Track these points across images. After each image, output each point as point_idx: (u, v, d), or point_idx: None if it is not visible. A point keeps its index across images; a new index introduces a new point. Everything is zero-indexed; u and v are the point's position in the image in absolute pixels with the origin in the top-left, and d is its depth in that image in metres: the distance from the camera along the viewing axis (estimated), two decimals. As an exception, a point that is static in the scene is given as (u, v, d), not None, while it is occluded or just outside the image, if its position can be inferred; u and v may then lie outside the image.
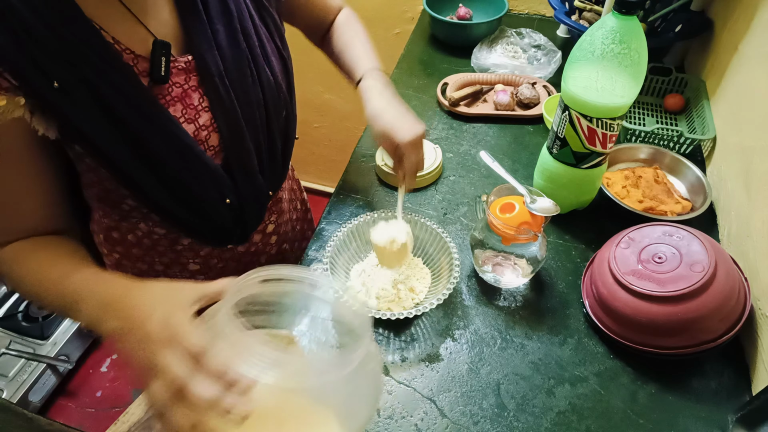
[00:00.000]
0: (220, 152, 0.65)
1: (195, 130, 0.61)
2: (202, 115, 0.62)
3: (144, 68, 0.56)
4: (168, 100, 0.59)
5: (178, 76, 0.60)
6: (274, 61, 0.68)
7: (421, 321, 0.74)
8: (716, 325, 0.63)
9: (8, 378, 1.53)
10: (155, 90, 0.58)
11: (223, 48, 0.61)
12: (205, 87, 0.61)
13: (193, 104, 0.61)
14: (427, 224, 0.77)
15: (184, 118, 0.60)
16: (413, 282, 0.75)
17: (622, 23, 0.63)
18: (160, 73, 0.57)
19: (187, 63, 0.60)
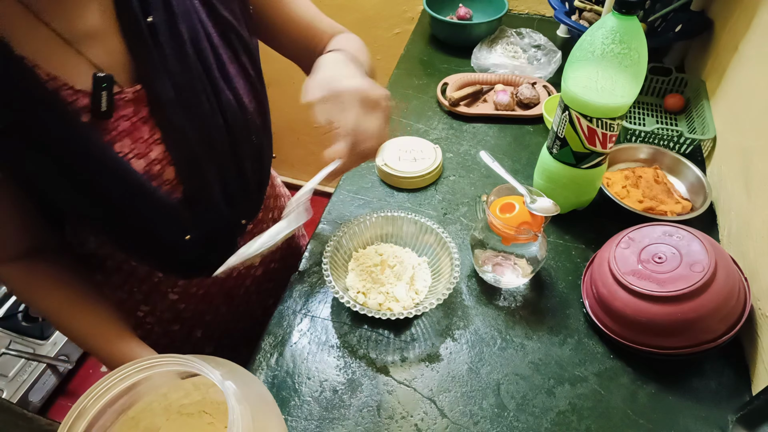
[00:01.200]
0: (178, 185, 0.61)
1: (146, 165, 0.57)
2: (153, 148, 0.58)
3: (84, 104, 0.52)
4: (114, 135, 0.54)
5: (126, 108, 0.55)
6: (240, 82, 0.63)
7: (421, 321, 0.74)
8: (716, 325, 0.63)
9: (8, 378, 1.53)
10: (100, 126, 0.53)
11: (175, 74, 0.56)
12: (157, 118, 0.57)
13: (143, 137, 0.57)
14: (427, 224, 0.77)
15: (133, 154, 0.56)
16: (413, 282, 0.75)
17: (622, 23, 0.63)
18: (101, 109, 0.52)
19: (135, 93, 0.55)
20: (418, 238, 0.79)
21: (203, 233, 0.64)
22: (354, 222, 0.78)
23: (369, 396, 0.66)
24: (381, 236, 0.81)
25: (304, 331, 0.73)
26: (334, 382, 0.67)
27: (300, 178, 2.23)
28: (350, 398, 0.66)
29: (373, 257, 0.77)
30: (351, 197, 0.92)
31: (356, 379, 0.68)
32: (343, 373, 0.68)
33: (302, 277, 0.80)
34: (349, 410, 0.65)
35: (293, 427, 0.63)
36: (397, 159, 0.92)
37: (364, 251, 0.79)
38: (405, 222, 0.79)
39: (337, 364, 0.69)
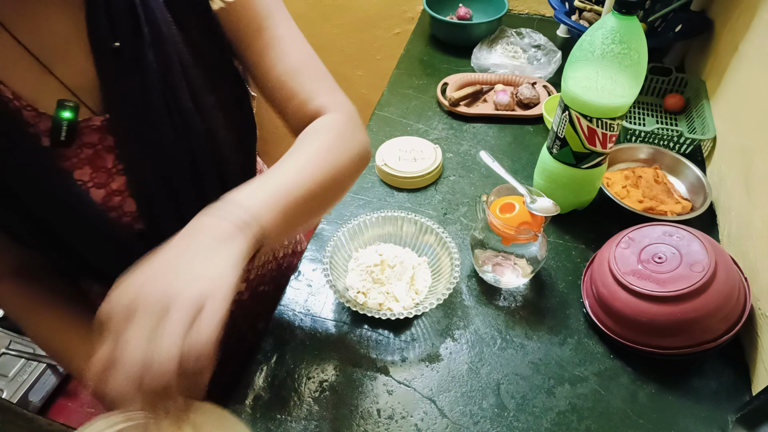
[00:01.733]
0: (139, 218, 0.58)
1: (105, 196, 0.55)
2: (116, 179, 0.55)
3: (46, 128, 0.49)
4: (75, 162, 0.52)
5: (91, 136, 0.52)
6: (217, 114, 0.58)
7: (421, 321, 0.74)
8: (716, 325, 0.63)
9: (8, 378, 1.53)
10: (59, 152, 0.51)
11: (135, 105, 0.52)
12: (120, 149, 0.54)
13: (106, 167, 0.54)
14: (427, 224, 0.77)
15: (93, 183, 0.53)
16: (413, 282, 0.75)
17: (622, 23, 0.63)
18: (60, 138, 0.49)
19: (103, 122, 0.52)
20: (418, 238, 0.79)
21: None
22: (354, 222, 0.78)
23: (369, 396, 0.66)
24: (381, 236, 0.81)
25: (304, 331, 0.73)
26: (334, 382, 0.67)
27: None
28: (350, 398, 0.66)
29: (373, 257, 0.76)
30: (351, 197, 0.92)
31: (356, 379, 0.68)
32: (343, 373, 0.68)
33: (302, 277, 0.80)
34: (349, 410, 0.65)
35: (293, 427, 0.63)
36: (397, 159, 0.92)
37: (364, 251, 0.79)
38: (405, 222, 0.79)
39: (337, 364, 0.69)
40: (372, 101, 1.20)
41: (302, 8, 1.65)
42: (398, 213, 0.79)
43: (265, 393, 0.66)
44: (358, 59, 1.73)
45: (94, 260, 0.58)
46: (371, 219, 0.79)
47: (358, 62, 1.73)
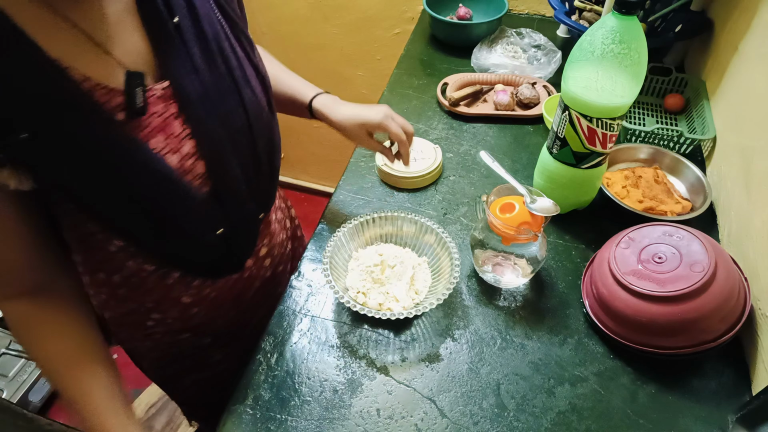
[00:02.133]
0: (207, 180, 0.62)
1: (179, 160, 0.58)
2: (185, 143, 0.58)
3: (119, 102, 0.52)
4: (148, 132, 0.55)
5: (155, 105, 0.55)
6: (254, 81, 0.65)
7: (421, 321, 0.74)
8: (716, 325, 0.63)
9: (8, 378, 1.53)
10: (133, 124, 0.54)
11: (201, 71, 0.57)
12: (186, 114, 0.57)
13: (175, 133, 0.57)
14: (427, 224, 0.77)
15: (168, 149, 0.57)
16: (413, 282, 0.75)
17: (622, 23, 0.63)
18: (136, 105, 0.53)
19: (164, 90, 0.56)
20: (418, 238, 0.79)
21: (230, 227, 0.65)
22: (354, 222, 0.78)
23: (369, 396, 0.66)
24: (381, 236, 0.81)
25: (304, 331, 0.73)
26: (334, 382, 0.67)
27: (300, 177, 2.23)
28: (350, 398, 0.66)
29: (373, 257, 0.77)
30: (351, 197, 0.92)
31: (356, 379, 0.68)
32: (343, 373, 0.68)
33: (302, 277, 0.80)
34: (349, 410, 0.65)
35: (293, 427, 0.63)
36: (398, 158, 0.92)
37: (365, 251, 0.79)
38: (405, 222, 0.79)
39: (337, 364, 0.69)
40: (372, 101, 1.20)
41: (302, 8, 1.65)
42: (398, 213, 0.79)
43: (265, 393, 0.66)
44: (358, 59, 1.73)
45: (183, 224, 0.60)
46: (371, 219, 0.79)
47: (358, 62, 1.73)
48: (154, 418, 1.58)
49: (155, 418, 1.58)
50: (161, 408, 1.61)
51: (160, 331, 0.76)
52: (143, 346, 0.78)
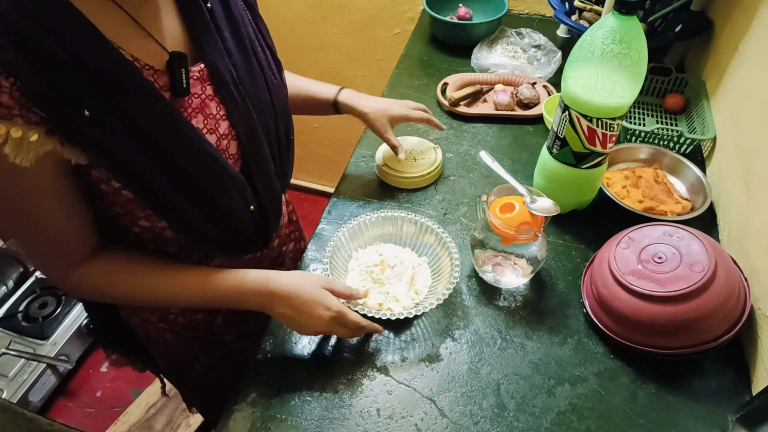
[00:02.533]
0: (239, 159, 0.64)
1: (217, 140, 0.61)
2: (221, 124, 0.61)
3: (164, 83, 0.55)
4: (190, 112, 0.58)
5: (194, 86, 0.58)
6: (273, 65, 0.69)
7: (421, 321, 0.74)
8: (716, 325, 0.63)
9: (8, 378, 1.53)
10: (179, 103, 0.57)
11: (234, 55, 0.61)
12: (222, 95, 0.60)
13: (212, 114, 0.60)
14: (427, 224, 0.77)
15: (207, 129, 0.59)
16: (413, 282, 0.75)
17: (622, 23, 0.63)
18: (182, 86, 0.55)
19: (200, 72, 0.59)
20: (418, 238, 0.79)
21: (259, 205, 0.68)
22: (354, 222, 0.78)
23: (369, 396, 0.66)
24: (381, 236, 0.81)
25: (304, 331, 0.73)
26: (334, 382, 0.67)
27: (300, 177, 2.23)
28: (350, 398, 0.66)
29: (373, 257, 0.77)
30: (351, 197, 0.92)
31: (356, 379, 0.68)
32: (343, 373, 0.68)
33: (302, 277, 0.80)
34: (349, 410, 0.65)
35: (293, 427, 0.63)
36: (397, 159, 0.92)
37: (365, 251, 0.79)
38: (405, 222, 0.79)
39: (337, 364, 0.69)
40: (372, 101, 1.19)
41: (302, 8, 1.65)
42: (398, 213, 0.79)
43: (265, 392, 0.66)
44: (358, 59, 1.73)
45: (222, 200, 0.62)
46: (371, 219, 0.79)
47: (358, 62, 1.73)
48: (154, 418, 1.58)
49: (155, 418, 1.58)
50: (161, 408, 1.61)
51: (175, 312, 0.77)
52: (157, 329, 0.79)
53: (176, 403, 1.61)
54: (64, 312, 1.67)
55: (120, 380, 1.70)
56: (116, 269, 0.62)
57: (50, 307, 1.68)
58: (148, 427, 1.57)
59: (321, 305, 0.63)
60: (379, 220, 0.79)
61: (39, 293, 1.72)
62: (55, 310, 1.67)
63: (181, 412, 1.59)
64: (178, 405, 1.60)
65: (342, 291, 0.67)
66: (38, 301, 1.69)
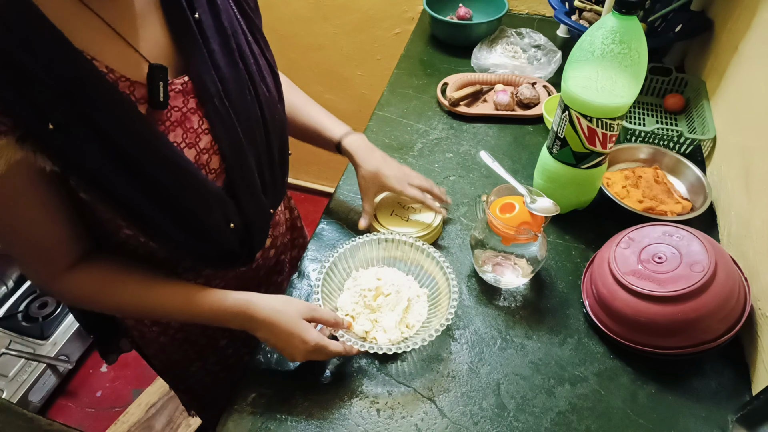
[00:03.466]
0: (221, 174, 0.63)
1: (196, 155, 0.59)
2: (202, 138, 0.59)
3: (141, 95, 0.53)
4: (168, 125, 0.56)
5: (175, 99, 0.57)
6: (268, 76, 0.67)
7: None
8: (716, 325, 0.63)
9: (8, 378, 1.52)
10: (154, 116, 0.55)
11: (221, 68, 0.59)
12: (205, 109, 0.58)
13: (193, 127, 0.58)
14: (433, 255, 0.73)
15: (185, 143, 0.58)
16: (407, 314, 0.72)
17: (622, 23, 0.63)
18: (159, 99, 0.54)
19: (183, 85, 0.57)
20: (423, 267, 0.76)
21: (243, 221, 0.66)
22: (359, 240, 0.75)
23: (369, 396, 0.66)
24: (385, 258, 0.77)
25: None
26: (334, 383, 0.67)
27: (300, 177, 2.23)
28: (350, 398, 0.66)
29: (370, 280, 0.73)
30: (351, 197, 0.92)
31: (356, 379, 0.68)
32: (344, 373, 0.68)
33: (302, 277, 0.80)
34: (349, 410, 0.65)
35: (293, 427, 0.63)
36: (388, 213, 0.84)
37: (365, 272, 0.76)
38: (413, 249, 0.75)
39: (337, 364, 0.69)
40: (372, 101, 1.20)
41: (302, 8, 1.65)
42: (406, 238, 0.75)
43: (265, 393, 0.66)
44: (358, 59, 1.73)
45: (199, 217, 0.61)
46: (378, 240, 0.76)
47: (358, 62, 1.73)
48: (154, 418, 1.58)
49: (155, 418, 1.58)
50: (161, 408, 1.61)
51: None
52: (151, 332, 0.79)
53: (176, 403, 1.61)
54: (64, 312, 1.67)
55: (120, 380, 1.70)
56: (102, 279, 0.61)
57: (50, 307, 1.68)
58: (148, 427, 1.57)
59: (299, 338, 0.62)
60: (386, 243, 0.76)
61: (39, 293, 1.72)
62: (55, 310, 1.67)
63: (181, 413, 1.59)
64: (178, 405, 1.60)
65: (327, 319, 0.65)
66: (38, 301, 1.69)
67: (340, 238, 0.85)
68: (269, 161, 0.68)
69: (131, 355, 1.81)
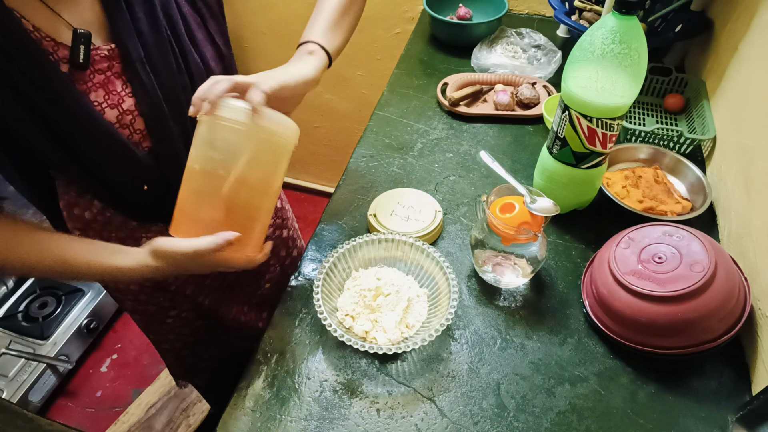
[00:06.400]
0: (148, 135, 0.67)
1: (119, 115, 0.64)
2: (126, 100, 0.64)
3: (64, 55, 0.59)
4: (90, 86, 0.61)
5: (101, 63, 0.62)
6: (207, 47, 0.70)
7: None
8: (716, 325, 0.63)
9: (8, 378, 1.53)
10: (76, 76, 0.60)
11: (145, 35, 0.63)
12: (128, 74, 0.63)
13: (116, 90, 0.63)
14: (434, 255, 0.73)
15: (107, 104, 0.63)
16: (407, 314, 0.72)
17: (622, 23, 0.63)
18: (79, 60, 0.59)
19: (110, 51, 0.62)
20: (423, 267, 0.76)
21: (166, 182, 0.70)
22: (360, 240, 0.75)
23: (369, 396, 0.66)
24: (386, 258, 0.77)
25: (304, 331, 0.73)
26: (334, 382, 0.67)
27: (300, 177, 2.23)
28: (350, 398, 0.66)
29: (370, 280, 0.73)
30: (351, 197, 0.92)
31: (356, 379, 0.68)
32: (343, 373, 0.68)
33: (302, 277, 0.80)
34: (349, 410, 0.65)
35: (293, 427, 0.63)
36: (388, 213, 0.84)
37: (365, 272, 0.76)
38: (413, 250, 0.75)
39: (337, 364, 0.69)
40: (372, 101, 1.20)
41: (302, 8, 1.65)
42: (408, 239, 0.75)
43: (265, 393, 0.67)
44: (358, 59, 1.73)
45: (108, 175, 0.66)
46: (378, 240, 0.75)
47: (358, 62, 1.73)
48: (154, 418, 1.58)
49: (155, 418, 1.58)
50: (161, 408, 1.61)
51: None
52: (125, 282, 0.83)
53: (176, 403, 1.61)
54: (64, 312, 1.68)
55: (120, 380, 1.70)
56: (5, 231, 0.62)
57: (50, 307, 1.68)
58: (148, 427, 1.57)
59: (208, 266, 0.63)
60: (386, 243, 0.76)
61: (39, 293, 1.72)
62: (55, 310, 1.67)
63: (181, 412, 1.59)
64: (178, 405, 1.60)
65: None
66: (38, 301, 1.69)
67: (340, 238, 0.85)
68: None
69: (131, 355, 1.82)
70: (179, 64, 0.66)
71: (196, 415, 1.58)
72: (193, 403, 1.61)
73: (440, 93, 1.10)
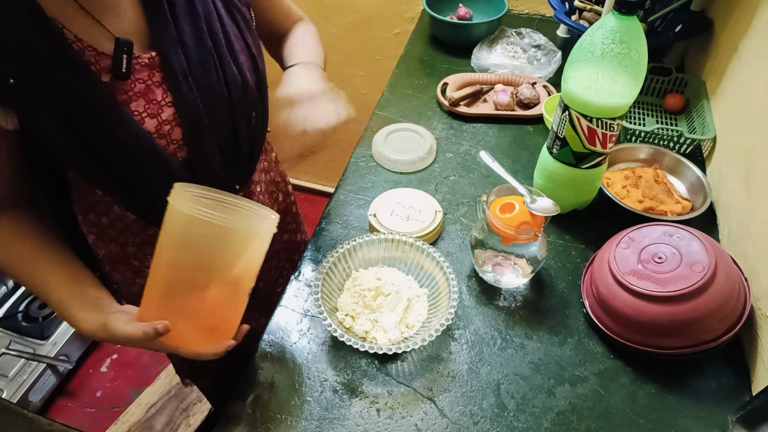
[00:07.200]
0: (184, 146, 0.67)
1: (158, 125, 0.63)
2: (165, 110, 0.64)
3: (106, 65, 0.58)
4: (130, 95, 0.61)
5: (141, 72, 0.61)
6: (243, 59, 0.70)
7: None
8: (716, 325, 0.63)
9: (8, 378, 1.53)
10: (116, 86, 0.60)
11: (189, 47, 0.63)
12: (169, 83, 0.63)
13: (156, 99, 0.63)
14: (434, 255, 0.73)
15: (147, 113, 0.62)
16: (407, 314, 0.72)
17: (622, 23, 0.63)
18: (121, 70, 0.59)
19: (150, 59, 0.62)
20: (423, 267, 0.76)
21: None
22: (360, 240, 0.75)
23: (369, 396, 0.66)
24: (385, 259, 0.77)
25: (304, 331, 0.73)
26: (334, 382, 0.67)
27: (300, 178, 2.23)
28: (350, 398, 0.66)
29: (370, 280, 0.73)
30: (351, 197, 0.92)
31: (356, 379, 0.68)
32: (343, 373, 0.68)
33: (302, 277, 0.80)
34: (349, 410, 0.65)
35: (293, 427, 0.63)
36: (389, 213, 0.84)
37: (365, 272, 0.76)
38: (413, 249, 0.75)
39: (337, 364, 0.69)
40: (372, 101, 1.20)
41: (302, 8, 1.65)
42: (406, 239, 0.75)
43: (265, 393, 0.67)
44: (358, 59, 1.73)
45: (139, 183, 0.65)
46: (378, 240, 0.75)
47: (358, 62, 1.73)
48: (154, 418, 1.58)
49: (155, 418, 1.58)
50: (161, 408, 1.61)
51: (140, 283, 0.78)
52: (136, 285, 0.81)
53: (176, 403, 1.61)
54: (64, 312, 1.67)
55: (120, 380, 1.70)
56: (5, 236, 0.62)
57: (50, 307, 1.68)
58: (148, 427, 1.57)
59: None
60: (386, 243, 0.76)
61: (39, 293, 1.72)
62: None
63: (181, 412, 1.59)
64: (178, 405, 1.60)
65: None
66: (38, 301, 1.69)
67: (340, 238, 0.85)
68: (233, 140, 0.71)
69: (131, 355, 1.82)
70: (219, 76, 0.66)
71: (196, 415, 1.58)
72: (193, 403, 1.61)
73: (440, 93, 1.10)
